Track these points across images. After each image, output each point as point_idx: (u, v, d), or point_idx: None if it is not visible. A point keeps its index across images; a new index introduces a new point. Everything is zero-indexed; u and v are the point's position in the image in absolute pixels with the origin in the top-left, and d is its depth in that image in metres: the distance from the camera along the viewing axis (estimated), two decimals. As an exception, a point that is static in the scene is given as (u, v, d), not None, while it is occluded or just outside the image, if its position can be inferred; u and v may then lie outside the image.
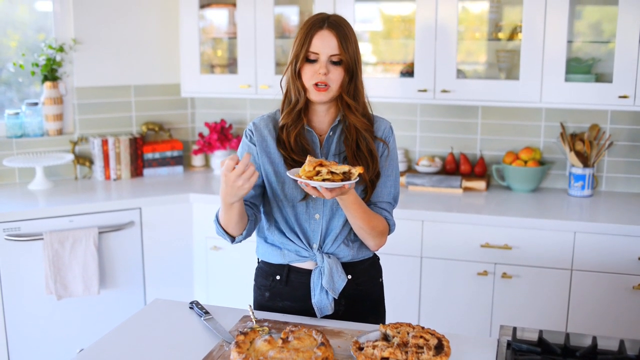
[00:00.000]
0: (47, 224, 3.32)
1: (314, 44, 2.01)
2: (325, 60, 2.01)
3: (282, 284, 2.16)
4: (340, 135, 2.12)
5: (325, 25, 2.02)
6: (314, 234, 2.11)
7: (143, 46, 4.03)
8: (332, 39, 2.00)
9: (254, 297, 2.27)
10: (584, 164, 3.51)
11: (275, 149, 2.10)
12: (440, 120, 3.86)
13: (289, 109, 2.09)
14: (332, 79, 2.02)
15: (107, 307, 3.48)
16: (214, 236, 3.59)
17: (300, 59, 2.02)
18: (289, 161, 2.07)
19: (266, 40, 3.73)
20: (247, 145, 2.14)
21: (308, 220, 2.11)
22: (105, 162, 3.90)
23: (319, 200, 2.09)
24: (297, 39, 2.05)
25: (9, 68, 3.85)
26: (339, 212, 2.09)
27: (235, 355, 1.71)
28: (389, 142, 2.16)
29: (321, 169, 1.84)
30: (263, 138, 2.12)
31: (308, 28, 2.03)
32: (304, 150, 2.08)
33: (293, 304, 2.16)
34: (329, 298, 2.10)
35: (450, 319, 3.31)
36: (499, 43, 3.61)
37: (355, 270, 2.15)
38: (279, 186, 2.10)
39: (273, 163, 2.11)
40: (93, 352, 1.89)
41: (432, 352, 1.75)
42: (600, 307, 3.11)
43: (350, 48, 2.03)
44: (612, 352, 1.86)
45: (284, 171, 2.07)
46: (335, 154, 2.11)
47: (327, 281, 2.08)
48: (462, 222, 3.24)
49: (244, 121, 4.21)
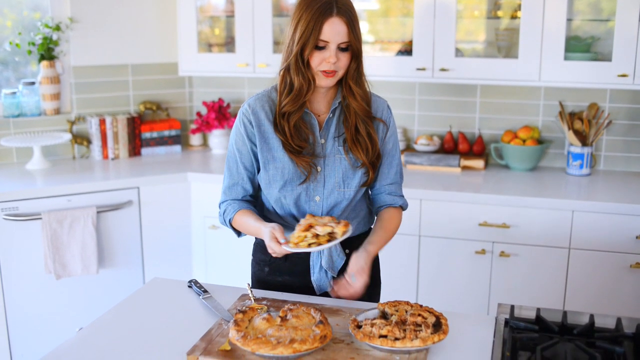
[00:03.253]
0: (45, 203, 3.32)
1: (325, 33, 1.94)
2: (335, 49, 1.96)
3: (282, 259, 2.15)
4: (340, 116, 2.10)
5: (334, 11, 1.94)
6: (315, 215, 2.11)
7: (140, 25, 4.00)
8: (343, 26, 1.95)
9: (253, 272, 2.28)
10: (582, 143, 3.51)
11: (273, 134, 2.07)
12: (439, 99, 3.84)
13: (292, 96, 2.02)
14: (340, 65, 1.98)
15: (106, 286, 3.49)
16: (212, 215, 3.59)
17: (310, 47, 1.95)
18: (287, 147, 2.05)
19: (264, 18, 3.70)
20: (242, 135, 2.09)
21: (308, 202, 2.10)
22: (103, 141, 3.89)
23: (319, 182, 2.08)
24: (300, 23, 1.96)
25: (5, 47, 3.83)
26: (339, 194, 2.10)
27: (234, 333, 1.72)
28: (389, 123, 2.16)
29: (307, 233, 1.89)
30: (260, 122, 2.08)
31: (316, 13, 1.93)
32: (302, 135, 2.06)
33: (292, 278, 2.18)
34: (328, 276, 2.12)
35: (448, 297, 3.33)
36: (498, 21, 3.59)
37: (352, 245, 2.14)
38: (277, 171, 2.07)
39: (272, 149, 2.07)
40: (92, 331, 1.90)
41: (430, 329, 1.75)
42: (597, 285, 3.12)
43: (358, 32, 1.99)
44: (609, 330, 1.87)
45: (282, 155, 2.06)
46: (335, 136, 2.09)
47: (327, 261, 2.10)
48: (460, 200, 3.24)
49: (242, 100, 4.20)
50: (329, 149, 2.09)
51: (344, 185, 2.10)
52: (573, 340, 1.80)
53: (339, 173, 2.09)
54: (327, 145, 2.09)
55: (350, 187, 2.10)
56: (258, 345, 1.67)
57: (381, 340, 1.70)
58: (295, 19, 1.98)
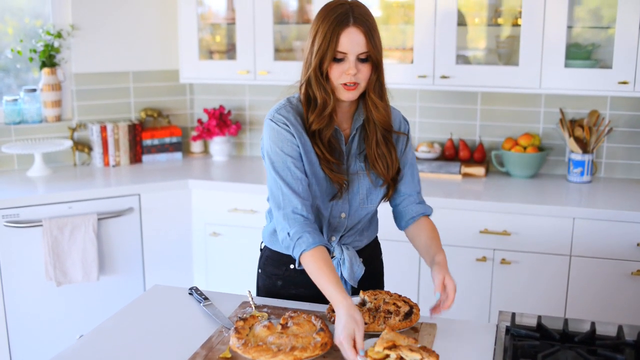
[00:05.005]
0: (46, 210, 3.32)
1: (342, 44, 1.88)
2: (354, 60, 1.90)
3: (297, 272, 2.10)
4: (361, 133, 2.07)
5: (351, 21, 1.88)
6: (337, 230, 2.10)
7: (141, 32, 4.01)
8: (360, 36, 1.89)
9: (262, 284, 2.23)
10: (583, 150, 3.51)
11: (311, 147, 1.99)
12: (440, 106, 3.85)
13: (317, 112, 1.96)
14: (360, 77, 1.93)
15: (107, 294, 3.49)
16: (213, 222, 3.59)
17: (328, 60, 1.90)
18: (324, 163, 1.99)
19: (265, 25, 3.71)
20: (289, 141, 1.97)
21: (334, 218, 2.07)
22: (104, 148, 3.90)
23: (344, 199, 2.06)
24: (318, 35, 1.91)
25: (7, 54, 3.84)
26: (363, 210, 2.09)
27: (235, 340, 1.72)
28: (408, 134, 2.16)
29: (390, 352, 1.65)
30: (300, 134, 1.99)
31: (332, 24, 1.88)
32: (335, 149, 2.02)
33: (308, 290, 2.11)
34: (348, 287, 2.10)
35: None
36: (499, 29, 3.60)
37: (364, 253, 2.16)
38: (317, 187, 2.02)
39: (312, 163, 2.00)
40: (93, 338, 1.89)
41: (400, 317, 1.85)
42: (598, 293, 3.12)
43: (377, 41, 1.93)
44: (610, 338, 1.87)
45: (319, 171, 2.00)
46: (357, 154, 2.06)
47: (349, 273, 2.07)
48: (461, 208, 3.24)
49: (243, 107, 4.20)
50: (352, 167, 2.06)
51: (368, 201, 2.09)
52: (574, 347, 1.80)
53: (363, 190, 2.07)
54: (351, 163, 2.07)
55: (374, 202, 2.10)
56: (259, 352, 1.67)
57: None
58: (314, 31, 1.93)
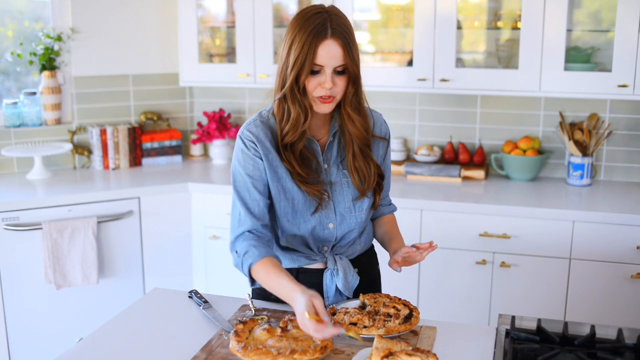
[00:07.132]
0: (45, 213, 3.32)
1: (319, 56, 1.83)
2: (331, 73, 1.86)
3: (296, 275, 2.08)
4: (341, 139, 2.04)
5: (329, 33, 1.83)
6: (327, 241, 2.07)
7: (141, 35, 4.02)
8: (338, 49, 1.84)
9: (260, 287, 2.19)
10: (582, 153, 3.51)
11: (280, 163, 1.96)
12: (440, 109, 3.85)
13: (291, 125, 1.92)
14: (337, 90, 1.89)
15: (106, 297, 3.49)
16: (212, 225, 3.59)
17: (305, 73, 1.85)
18: (296, 176, 1.96)
19: (265, 29, 3.71)
20: (251, 160, 1.96)
21: (322, 230, 2.04)
22: (104, 151, 3.90)
23: (330, 209, 2.03)
24: (294, 46, 1.85)
25: (7, 57, 3.84)
26: (352, 218, 2.06)
27: (234, 344, 1.72)
28: (389, 138, 2.14)
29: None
30: (267, 151, 1.96)
31: (310, 36, 1.83)
32: (308, 162, 1.99)
33: None
34: (343, 297, 2.08)
35: (448, 307, 3.32)
36: (498, 32, 3.60)
37: (359, 263, 2.15)
38: (288, 203, 1.99)
39: (280, 179, 1.98)
40: (92, 341, 1.89)
41: (399, 320, 1.84)
42: (598, 296, 3.12)
43: (355, 53, 1.88)
44: (610, 341, 1.87)
45: (292, 186, 1.98)
46: (338, 162, 2.04)
47: (343, 284, 2.05)
48: (460, 211, 3.24)
49: (243, 110, 4.21)
50: (334, 175, 2.03)
51: (355, 209, 2.05)
52: (574, 351, 1.80)
53: (347, 198, 2.04)
54: (332, 171, 2.03)
55: (362, 210, 2.07)
56: (258, 355, 1.66)
57: (350, 327, 1.80)
58: (289, 40, 1.88)
